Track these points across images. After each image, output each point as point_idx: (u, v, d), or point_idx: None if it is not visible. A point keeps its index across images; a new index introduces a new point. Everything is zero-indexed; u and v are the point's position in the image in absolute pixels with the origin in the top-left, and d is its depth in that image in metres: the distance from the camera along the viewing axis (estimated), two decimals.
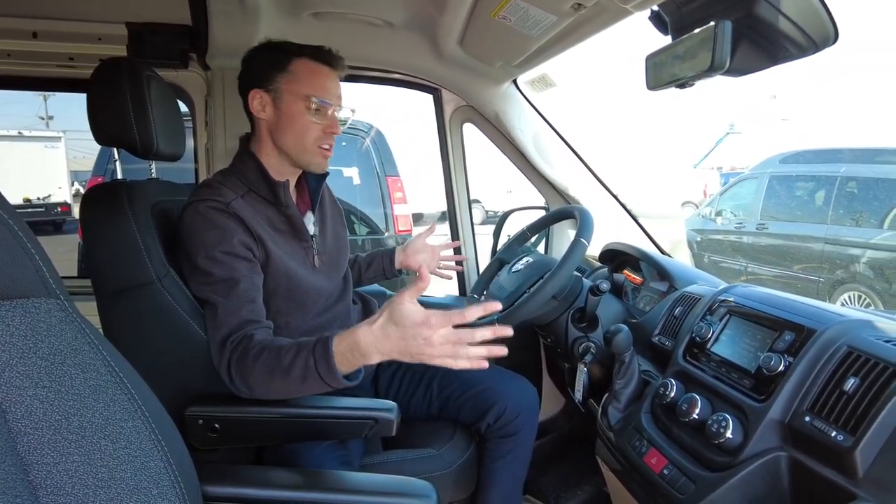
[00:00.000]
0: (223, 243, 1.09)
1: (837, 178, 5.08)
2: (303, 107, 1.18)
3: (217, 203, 1.11)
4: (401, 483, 0.89)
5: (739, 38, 0.82)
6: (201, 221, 1.10)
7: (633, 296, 1.55)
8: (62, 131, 12.97)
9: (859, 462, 0.71)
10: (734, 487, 0.84)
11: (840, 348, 0.83)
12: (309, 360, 0.96)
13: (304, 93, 1.17)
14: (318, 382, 0.97)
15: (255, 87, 1.19)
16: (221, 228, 1.10)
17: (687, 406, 0.97)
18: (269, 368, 1.00)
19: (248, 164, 1.21)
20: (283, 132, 1.19)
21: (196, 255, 1.09)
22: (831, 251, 4.98)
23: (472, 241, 2.05)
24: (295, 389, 1.01)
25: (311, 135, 1.19)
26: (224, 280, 1.08)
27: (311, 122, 1.19)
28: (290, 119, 1.18)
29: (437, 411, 1.39)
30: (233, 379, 1.04)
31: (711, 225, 6.35)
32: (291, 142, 1.20)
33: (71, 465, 0.50)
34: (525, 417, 1.36)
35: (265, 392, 1.04)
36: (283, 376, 0.99)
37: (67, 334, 0.53)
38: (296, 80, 1.18)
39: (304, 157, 1.22)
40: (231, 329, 1.06)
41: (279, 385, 1.01)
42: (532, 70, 1.68)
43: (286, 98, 1.18)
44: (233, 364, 1.04)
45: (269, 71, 1.18)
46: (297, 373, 0.97)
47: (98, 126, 1.12)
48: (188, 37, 1.64)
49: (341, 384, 0.97)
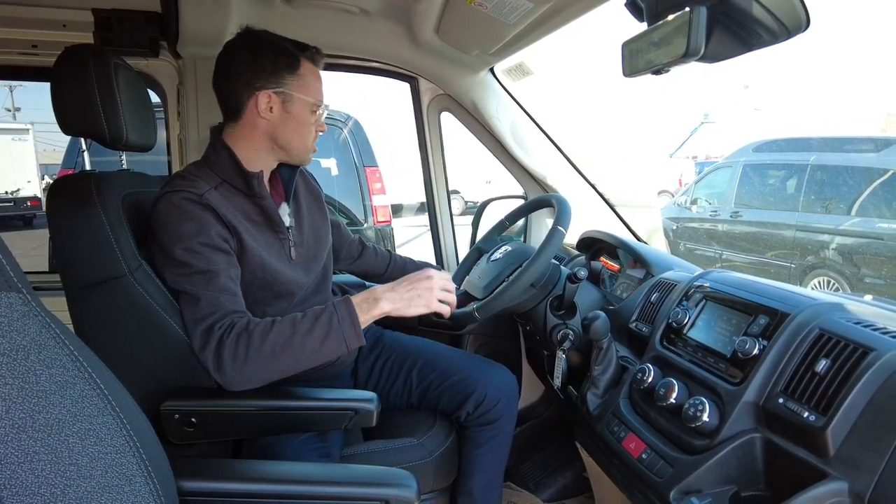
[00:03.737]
0: (200, 235, 1.07)
1: (808, 167, 5.19)
2: (310, 111, 1.20)
3: (191, 194, 1.09)
4: (381, 473, 0.88)
5: (714, 25, 0.82)
6: (176, 213, 1.08)
7: (610, 283, 1.56)
8: (30, 123, 12.60)
9: (830, 441, 0.73)
10: (710, 469, 0.86)
11: (812, 331, 0.84)
12: (332, 318, 1.07)
13: (313, 98, 1.19)
14: (340, 342, 1.07)
15: (264, 88, 1.15)
16: (197, 220, 1.08)
17: (664, 391, 0.98)
18: (286, 336, 1.05)
19: (221, 154, 1.18)
20: (288, 133, 1.19)
21: (172, 247, 1.07)
22: (802, 238, 5.09)
23: (452, 232, 2.05)
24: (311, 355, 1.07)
25: (311, 137, 1.23)
26: (203, 272, 1.07)
27: (312, 124, 1.21)
28: (298, 123, 1.19)
29: (417, 401, 1.38)
30: (222, 366, 1.03)
31: (687, 213, 6.44)
32: (296, 142, 1.21)
33: (37, 464, 0.48)
34: (505, 404, 1.36)
35: (261, 369, 1.05)
36: (302, 340, 1.05)
37: (31, 329, 0.51)
38: (305, 84, 1.19)
39: (303, 156, 1.24)
40: (217, 318, 1.05)
41: (292, 352, 1.05)
42: (509, 58, 1.67)
43: (297, 102, 1.18)
44: (225, 349, 1.03)
45: (281, 72, 1.16)
46: (319, 333, 1.06)
47: (64, 115, 1.08)
48: (158, 24, 1.59)
49: (361, 341, 1.08)
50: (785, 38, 0.80)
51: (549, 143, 1.85)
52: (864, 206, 4.69)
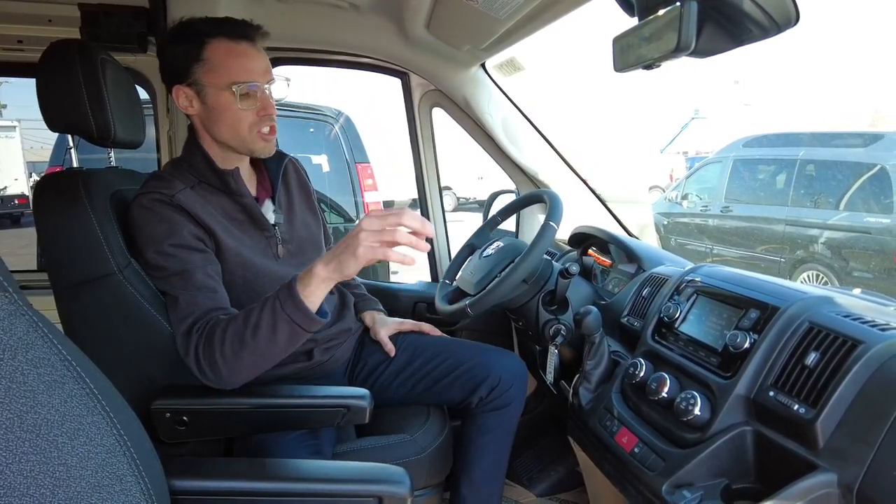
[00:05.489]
0: (172, 236, 1.06)
1: (797, 162, 5.23)
2: (229, 96, 1.10)
3: (161, 195, 1.08)
4: (374, 469, 0.88)
5: (704, 20, 0.82)
6: (147, 215, 1.07)
7: (602, 278, 1.57)
8: (17, 120, 12.44)
9: (820, 433, 0.74)
10: (702, 462, 0.86)
11: (802, 324, 0.85)
12: (275, 304, 0.98)
13: (226, 81, 1.10)
14: (289, 325, 0.98)
15: (175, 82, 1.12)
16: (168, 221, 1.07)
17: (656, 385, 0.98)
18: (239, 335, 0.99)
19: (195, 154, 1.17)
20: (216, 125, 1.14)
21: (146, 250, 1.06)
22: (792, 232, 5.14)
23: (444, 228, 2.04)
24: (267, 348, 1.00)
25: (245, 123, 1.13)
26: (178, 273, 1.05)
27: (240, 110, 1.12)
28: (219, 112, 1.12)
29: (420, 394, 1.37)
30: (202, 368, 1.02)
31: (678, 208, 6.47)
32: (227, 134, 1.15)
33: (26, 465, 0.47)
34: (517, 389, 1.36)
35: (236, 369, 1.02)
36: (253, 335, 0.98)
37: (18, 329, 0.50)
38: (213, 68, 1.10)
39: (245, 146, 1.17)
40: (195, 318, 1.04)
41: (250, 350, 0.99)
42: (500, 54, 1.67)
43: (209, 91, 1.11)
44: (201, 351, 1.02)
45: (184, 63, 1.11)
46: (265, 323, 0.98)
47: (50, 112, 1.07)
48: (145, 19, 1.58)
49: (312, 320, 0.98)
50: (775, 34, 0.80)
51: (540, 138, 1.85)
52: (852, 200, 4.75)
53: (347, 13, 1.62)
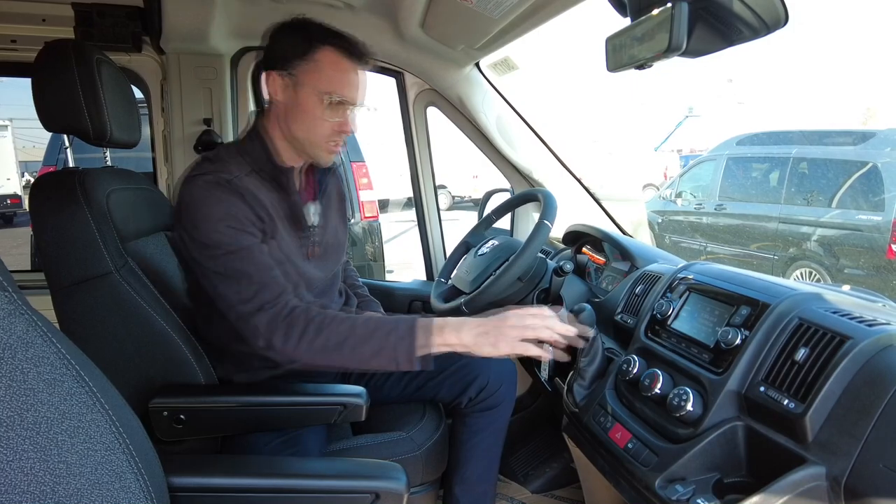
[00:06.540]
0: (230, 217, 1.05)
1: (790, 160, 5.26)
2: (319, 101, 1.12)
3: (220, 177, 1.07)
4: (371, 466, 0.89)
5: (696, 20, 0.83)
6: (204, 194, 1.06)
7: (595, 276, 1.58)
8: (9, 119, 12.35)
9: (809, 427, 0.75)
10: (694, 457, 0.87)
11: (792, 320, 0.86)
12: (391, 335, 1.01)
13: (324, 88, 1.11)
14: (391, 360, 1.01)
15: (273, 68, 1.13)
16: (227, 202, 1.06)
17: (649, 381, 0.99)
18: (339, 340, 1.02)
19: (255, 144, 1.17)
20: (295, 121, 1.14)
21: (201, 228, 1.04)
22: (785, 230, 5.17)
23: (439, 227, 2.05)
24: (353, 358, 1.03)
25: (322, 131, 1.14)
26: (235, 251, 1.05)
27: (324, 118, 1.13)
28: (304, 111, 1.13)
29: (413, 392, 1.38)
30: (271, 342, 1.02)
31: (672, 206, 6.49)
32: (301, 132, 1.15)
33: (26, 463, 0.48)
34: (506, 390, 1.37)
35: (309, 357, 1.03)
36: (354, 344, 1.01)
37: (17, 328, 0.51)
38: (317, 71, 1.11)
39: (312, 150, 1.18)
40: (267, 296, 1.04)
41: (338, 352, 1.02)
42: (494, 53, 1.68)
43: (304, 89, 1.12)
44: (279, 328, 1.02)
45: (289, 55, 1.12)
46: (373, 344, 1.01)
47: (46, 112, 1.07)
48: (140, 19, 1.58)
49: (413, 366, 1.02)
50: (765, 34, 0.82)
51: (534, 137, 1.86)
52: (843, 198, 4.77)
53: (342, 13, 1.62)
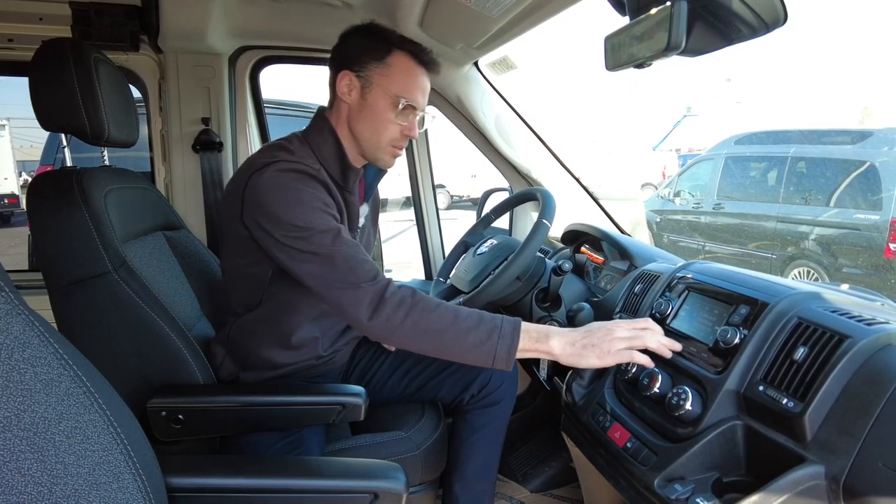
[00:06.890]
0: (321, 203, 1.06)
1: (788, 159, 5.27)
2: (389, 104, 1.14)
3: (304, 166, 1.08)
4: (370, 465, 0.89)
5: (695, 19, 0.83)
6: (294, 181, 1.06)
7: (594, 275, 1.58)
8: (6, 118, 12.32)
9: (808, 427, 0.75)
10: (693, 456, 0.87)
11: (791, 320, 0.86)
12: (494, 332, 1.01)
13: (395, 91, 1.14)
14: (488, 356, 1.01)
15: (346, 68, 1.14)
16: (312, 189, 1.07)
17: (648, 380, 0.99)
18: (443, 326, 1.01)
19: (327, 140, 1.17)
20: (362, 122, 1.16)
21: (287, 212, 1.04)
22: (783, 229, 5.17)
23: (438, 226, 2.05)
24: (447, 348, 1.02)
25: (388, 133, 1.16)
26: (326, 231, 1.04)
27: (392, 121, 1.15)
28: (373, 112, 1.15)
29: (414, 392, 1.38)
30: (374, 318, 1.01)
31: (670, 205, 6.50)
32: (367, 133, 1.16)
33: (23, 463, 0.48)
34: (507, 387, 1.37)
35: (406, 341, 1.03)
36: (456, 335, 1.01)
37: (14, 328, 0.50)
38: (390, 74, 1.14)
39: (375, 153, 1.19)
40: (368, 271, 1.03)
41: (438, 342, 1.02)
42: (493, 52, 1.68)
43: (375, 90, 1.14)
44: (385, 307, 1.01)
45: (364, 57, 1.14)
46: (474, 338, 1.01)
47: (43, 111, 1.07)
48: (137, 18, 1.57)
49: (508, 367, 1.03)
50: (764, 33, 0.81)
51: (533, 136, 1.85)
52: (841, 197, 4.78)
53: (340, 11, 1.62)
